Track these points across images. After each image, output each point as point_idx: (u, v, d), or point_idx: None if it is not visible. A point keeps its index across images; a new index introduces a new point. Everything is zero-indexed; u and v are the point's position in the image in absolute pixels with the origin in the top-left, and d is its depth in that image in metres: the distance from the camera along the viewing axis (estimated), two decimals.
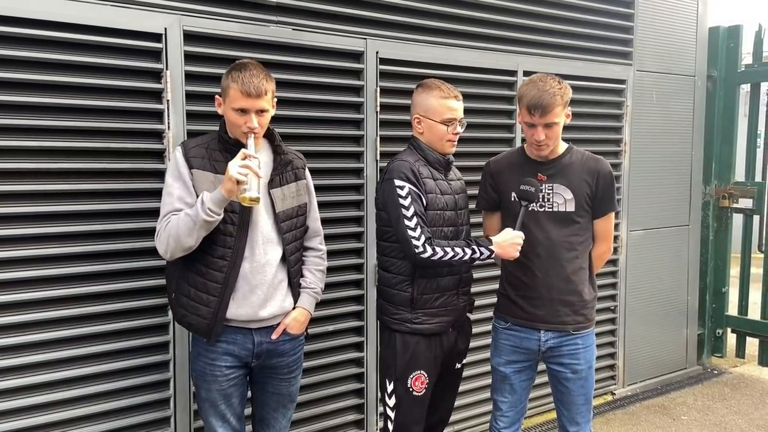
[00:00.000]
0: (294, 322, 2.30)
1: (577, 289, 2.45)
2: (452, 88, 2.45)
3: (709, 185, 4.85)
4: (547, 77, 2.38)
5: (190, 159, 2.16)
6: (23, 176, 2.38)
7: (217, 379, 2.23)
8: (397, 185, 2.32)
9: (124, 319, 2.58)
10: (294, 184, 2.31)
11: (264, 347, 2.27)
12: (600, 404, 4.15)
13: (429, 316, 2.42)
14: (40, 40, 2.35)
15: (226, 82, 2.15)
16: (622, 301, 4.24)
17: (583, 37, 3.91)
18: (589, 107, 3.96)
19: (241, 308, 2.19)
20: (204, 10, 2.66)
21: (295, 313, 2.31)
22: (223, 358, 2.22)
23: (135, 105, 2.54)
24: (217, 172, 2.15)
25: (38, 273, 2.41)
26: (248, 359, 2.26)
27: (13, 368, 2.38)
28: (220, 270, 2.16)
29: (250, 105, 2.11)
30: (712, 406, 4.20)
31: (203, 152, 2.18)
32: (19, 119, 2.35)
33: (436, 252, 2.29)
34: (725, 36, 4.79)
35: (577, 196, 2.42)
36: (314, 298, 2.38)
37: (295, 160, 2.35)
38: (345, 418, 3.21)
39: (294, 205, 2.30)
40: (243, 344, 2.23)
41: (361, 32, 3.07)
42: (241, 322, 2.22)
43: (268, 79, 2.16)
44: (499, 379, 2.58)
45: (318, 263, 2.42)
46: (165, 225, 2.12)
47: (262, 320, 2.24)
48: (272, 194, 2.23)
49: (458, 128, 2.43)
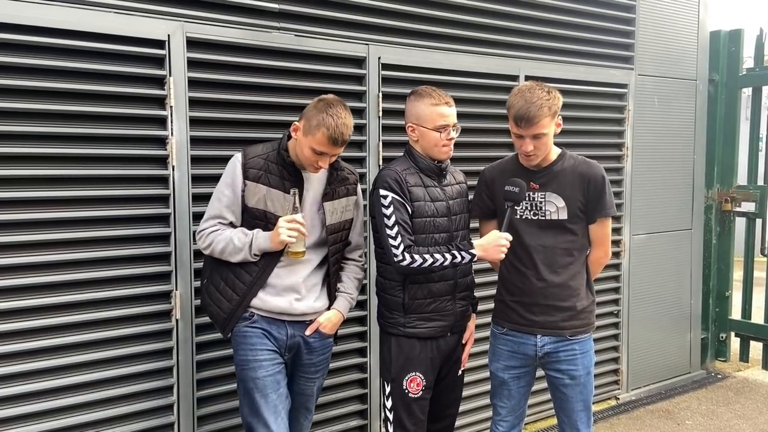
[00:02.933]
0: (327, 322, 2.40)
1: (573, 295, 2.44)
2: (444, 95, 2.43)
3: (712, 189, 4.85)
4: (536, 87, 2.35)
5: (247, 169, 2.26)
6: (28, 183, 2.38)
7: (263, 364, 2.29)
8: (381, 194, 2.36)
9: (127, 324, 2.58)
10: (345, 199, 2.42)
11: (296, 340, 2.36)
12: (604, 409, 4.14)
13: (422, 321, 2.43)
14: (44, 48, 2.36)
15: (317, 119, 2.21)
16: (625, 305, 4.24)
17: (585, 41, 3.92)
18: (591, 111, 3.97)
19: (274, 302, 2.30)
20: (207, 17, 2.67)
21: (330, 314, 2.42)
22: (263, 342, 2.30)
23: (138, 111, 2.55)
24: (270, 186, 2.26)
25: (43, 279, 2.41)
26: (282, 349, 2.34)
27: (17, 375, 2.38)
28: (250, 273, 2.27)
29: (330, 151, 2.23)
30: (716, 411, 4.19)
31: (261, 163, 2.28)
32: (23, 126, 2.35)
33: (415, 259, 2.32)
34: (726, 40, 4.80)
35: (570, 203, 2.41)
36: (349, 303, 2.49)
37: (349, 176, 2.47)
38: (348, 424, 3.20)
39: (342, 219, 2.42)
40: (278, 334, 2.33)
41: (363, 38, 3.08)
42: (275, 313, 2.31)
43: (351, 127, 2.28)
44: (497, 384, 2.58)
45: (357, 272, 2.54)
46: (212, 232, 2.29)
47: (294, 315, 2.34)
48: (325, 207, 2.35)
49: (452, 133, 2.42)
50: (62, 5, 2.37)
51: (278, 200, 2.27)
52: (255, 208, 2.27)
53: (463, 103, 2.82)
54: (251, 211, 2.28)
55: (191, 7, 2.64)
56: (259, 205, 2.27)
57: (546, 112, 2.29)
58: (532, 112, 2.28)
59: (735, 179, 4.84)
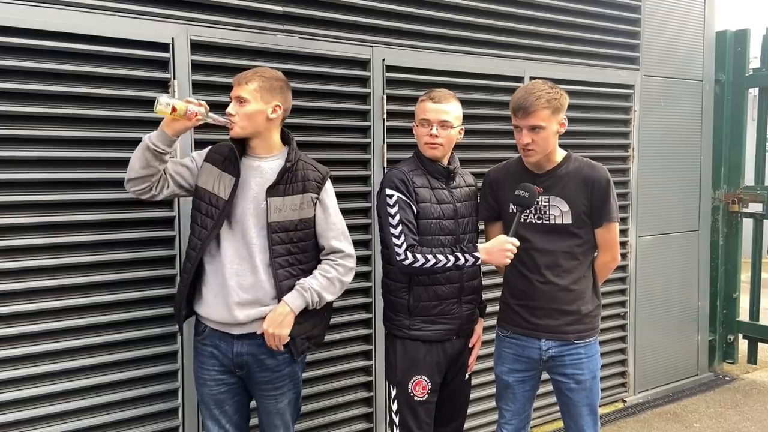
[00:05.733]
0: (271, 315, 2.14)
1: (578, 299, 2.42)
2: (437, 93, 2.41)
3: (719, 190, 4.82)
4: (541, 82, 2.35)
5: (211, 153, 2.28)
6: (28, 186, 2.38)
7: (207, 383, 2.27)
8: (387, 194, 2.36)
9: (132, 328, 2.57)
10: (299, 196, 2.22)
11: (244, 358, 2.23)
12: (611, 412, 4.12)
13: (427, 323, 2.42)
14: (47, 51, 2.36)
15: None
16: (631, 307, 4.21)
17: (590, 42, 3.90)
18: (596, 112, 3.95)
19: (214, 307, 2.21)
20: (211, 20, 2.67)
21: (277, 307, 2.16)
22: (210, 362, 2.26)
23: (142, 115, 2.54)
24: (223, 170, 2.22)
25: (46, 283, 2.41)
26: (232, 368, 2.25)
27: (20, 379, 2.38)
28: (191, 260, 2.23)
29: (233, 93, 2.20)
30: (724, 413, 4.16)
31: (225, 150, 2.27)
32: (27, 130, 2.36)
33: (417, 259, 2.30)
34: (732, 40, 4.78)
35: (574, 207, 2.38)
36: (302, 296, 2.17)
37: (309, 171, 2.26)
38: (353, 428, 3.19)
39: (293, 218, 2.21)
40: (225, 352, 2.24)
41: (368, 40, 3.07)
42: (219, 324, 2.22)
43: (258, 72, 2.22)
44: (502, 387, 2.56)
45: (326, 269, 2.24)
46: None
47: (240, 324, 2.19)
48: (269, 202, 2.19)
49: (434, 130, 2.37)
50: (66, 9, 2.37)
51: (225, 184, 2.19)
52: (203, 187, 2.21)
53: (468, 104, 2.81)
54: (198, 191, 2.22)
55: (195, 10, 2.64)
56: (206, 185, 2.21)
57: (544, 103, 2.27)
58: (529, 101, 2.27)
59: (742, 180, 4.81)
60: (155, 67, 2.58)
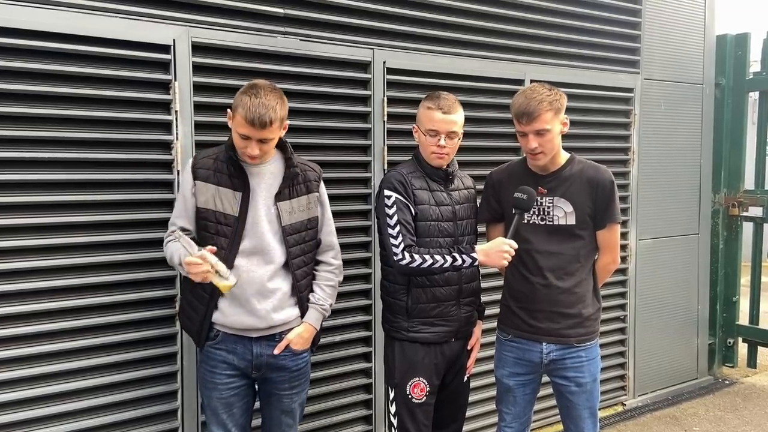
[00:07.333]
0: (298, 338, 2.27)
1: (579, 302, 2.42)
2: (446, 101, 2.38)
3: (719, 193, 4.82)
4: (538, 85, 2.36)
5: (197, 170, 2.21)
6: (30, 187, 2.39)
7: (217, 387, 2.25)
8: (385, 195, 2.37)
9: (131, 330, 2.57)
10: (305, 197, 2.29)
11: (263, 359, 2.25)
12: (610, 415, 4.11)
13: (426, 325, 2.42)
14: (50, 52, 2.37)
15: (236, 101, 2.13)
16: (631, 310, 4.21)
17: (590, 45, 3.91)
18: (597, 116, 3.95)
19: (235, 316, 2.21)
20: (212, 22, 2.68)
21: (300, 329, 2.28)
22: (222, 366, 2.24)
23: (143, 116, 2.55)
24: (219, 185, 2.19)
25: (45, 284, 2.41)
26: (248, 370, 2.26)
27: (20, 380, 2.39)
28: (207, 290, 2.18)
29: (252, 134, 2.10)
30: (723, 417, 4.16)
31: (210, 163, 2.22)
32: (27, 131, 2.36)
33: (414, 259, 2.30)
34: (733, 44, 4.78)
35: (578, 208, 2.39)
36: (321, 314, 2.35)
37: (308, 172, 2.33)
38: (353, 430, 3.19)
39: (303, 219, 2.29)
40: (242, 355, 2.24)
41: (368, 42, 3.08)
42: (239, 330, 2.22)
43: (277, 109, 2.10)
44: (502, 390, 2.56)
45: (328, 278, 2.38)
46: (167, 241, 2.25)
47: (260, 329, 2.23)
48: (279, 207, 2.23)
49: (442, 141, 2.37)
50: (68, 10, 2.38)
51: (227, 198, 2.18)
52: (204, 208, 2.19)
53: (468, 107, 2.81)
54: (201, 212, 2.20)
55: (197, 12, 2.65)
56: (207, 205, 2.18)
57: (546, 106, 2.29)
58: (532, 106, 2.28)
59: (742, 184, 4.81)
60: (156, 68, 2.59)
